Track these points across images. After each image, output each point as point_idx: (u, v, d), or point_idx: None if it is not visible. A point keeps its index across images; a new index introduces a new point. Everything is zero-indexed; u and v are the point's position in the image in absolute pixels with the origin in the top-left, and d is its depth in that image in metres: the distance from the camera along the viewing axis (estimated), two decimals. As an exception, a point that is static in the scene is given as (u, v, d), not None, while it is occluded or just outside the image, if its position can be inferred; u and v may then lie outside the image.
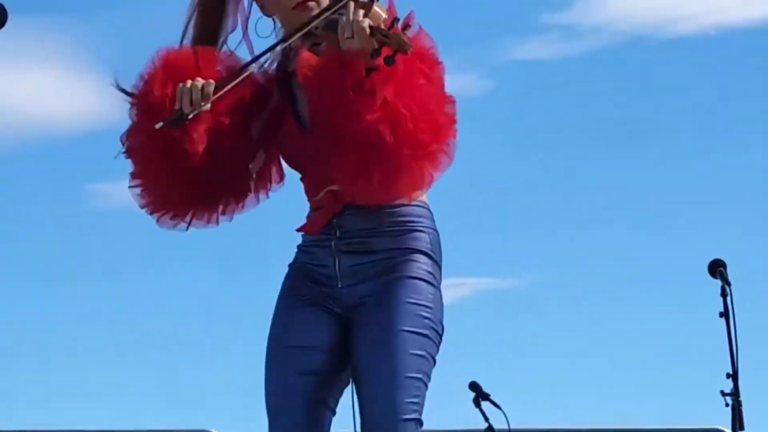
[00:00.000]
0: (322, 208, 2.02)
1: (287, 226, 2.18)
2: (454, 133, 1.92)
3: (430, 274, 1.99)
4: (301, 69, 1.98)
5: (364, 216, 1.98)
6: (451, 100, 1.93)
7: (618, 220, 7.10)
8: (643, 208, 7.18)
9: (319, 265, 2.01)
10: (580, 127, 7.28)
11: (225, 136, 2.01)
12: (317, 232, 2.01)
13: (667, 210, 7.10)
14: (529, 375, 6.55)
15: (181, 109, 1.92)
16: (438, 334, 1.99)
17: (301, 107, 2.02)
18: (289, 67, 2.05)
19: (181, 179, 2.01)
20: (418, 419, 1.94)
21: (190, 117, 1.94)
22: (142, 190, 2.05)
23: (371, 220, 1.98)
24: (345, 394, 2.04)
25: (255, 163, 2.10)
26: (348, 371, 2.03)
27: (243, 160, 2.06)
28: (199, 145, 1.98)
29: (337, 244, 1.99)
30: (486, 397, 4.43)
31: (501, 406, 4.47)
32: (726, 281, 4.10)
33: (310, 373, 1.99)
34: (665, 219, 7.04)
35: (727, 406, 4.05)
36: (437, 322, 1.98)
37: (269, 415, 2.01)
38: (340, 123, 1.90)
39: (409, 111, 1.85)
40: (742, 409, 4.03)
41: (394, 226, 1.99)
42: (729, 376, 4.05)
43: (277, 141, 2.07)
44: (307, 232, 2.05)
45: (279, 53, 2.09)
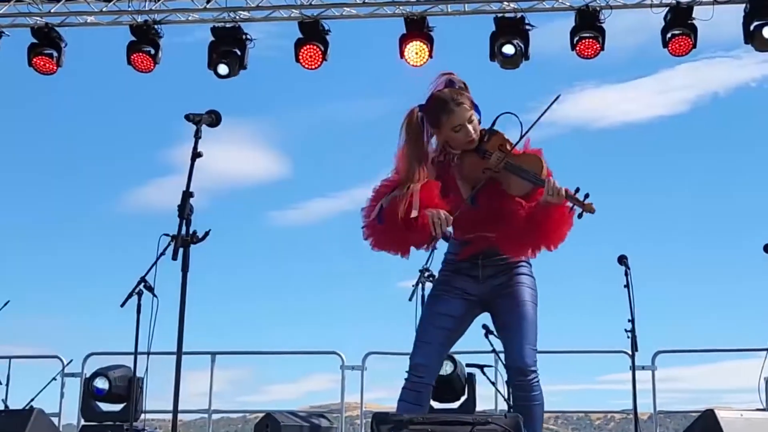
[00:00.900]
0: (471, 243, 3.09)
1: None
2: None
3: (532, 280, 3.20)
4: (470, 176, 2.99)
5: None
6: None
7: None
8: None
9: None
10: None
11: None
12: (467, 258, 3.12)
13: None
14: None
15: (437, 234, 2.85)
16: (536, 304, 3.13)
17: (464, 190, 3.03)
18: (453, 162, 3.04)
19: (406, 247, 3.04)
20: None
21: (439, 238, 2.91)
22: (372, 245, 3.03)
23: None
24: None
25: None
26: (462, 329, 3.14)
27: None
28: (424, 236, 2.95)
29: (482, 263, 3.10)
30: (492, 333, 5.47)
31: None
32: (627, 267, 5.18)
33: (444, 329, 3.08)
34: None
35: (628, 338, 5.16)
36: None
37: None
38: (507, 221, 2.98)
39: (554, 245, 3.02)
40: (637, 339, 5.15)
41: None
42: (629, 321, 5.15)
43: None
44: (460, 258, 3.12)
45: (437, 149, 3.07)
